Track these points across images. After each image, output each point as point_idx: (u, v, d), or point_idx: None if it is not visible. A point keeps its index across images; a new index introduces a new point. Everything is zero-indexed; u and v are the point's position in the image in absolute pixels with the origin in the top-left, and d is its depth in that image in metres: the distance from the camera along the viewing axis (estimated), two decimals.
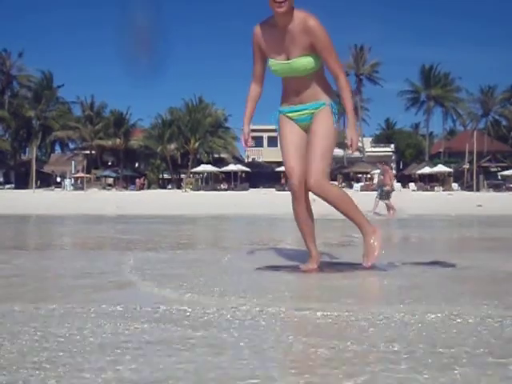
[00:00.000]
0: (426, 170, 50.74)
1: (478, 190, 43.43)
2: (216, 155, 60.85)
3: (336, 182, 50.75)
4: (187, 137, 56.90)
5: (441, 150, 59.53)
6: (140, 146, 58.95)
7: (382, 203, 12.78)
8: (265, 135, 67.88)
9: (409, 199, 20.41)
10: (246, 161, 63.42)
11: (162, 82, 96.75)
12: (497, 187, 45.21)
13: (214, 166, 53.66)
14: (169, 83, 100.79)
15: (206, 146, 58.32)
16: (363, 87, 62.70)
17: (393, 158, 63.81)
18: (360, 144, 59.88)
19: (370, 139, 67.55)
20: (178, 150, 57.41)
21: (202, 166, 53.13)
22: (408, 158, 63.66)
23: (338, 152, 60.10)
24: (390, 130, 72.05)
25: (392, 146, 64.40)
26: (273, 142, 67.96)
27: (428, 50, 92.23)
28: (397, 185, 47.10)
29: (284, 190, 43.47)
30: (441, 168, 49.86)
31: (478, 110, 62.17)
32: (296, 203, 3.25)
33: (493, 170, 52.66)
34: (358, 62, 61.15)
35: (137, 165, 63.46)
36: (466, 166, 49.30)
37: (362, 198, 25.95)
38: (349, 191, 42.58)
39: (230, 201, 20.17)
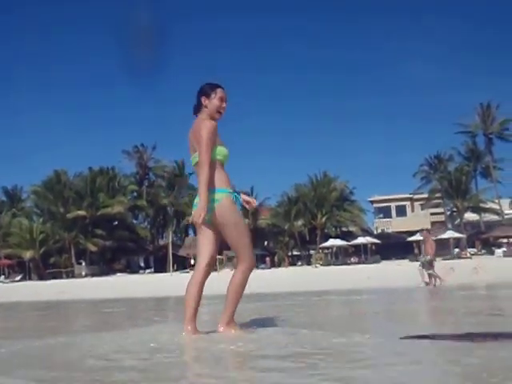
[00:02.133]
0: None
1: None
2: (344, 229, 60.29)
3: (474, 249, 47.80)
4: (313, 212, 57.20)
5: None
6: (268, 224, 60.16)
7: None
8: (393, 205, 66.49)
9: None
10: (375, 232, 62.10)
11: (287, 158, 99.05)
12: None
13: (342, 239, 53.08)
14: (293, 159, 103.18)
15: (333, 220, 58.13)
16: (493, 146, 59.70)
17: None
18: (497, 206, 56.60)
19: (509, 201, 63.25)
20: (306, 225, 57.73)
21: (331, 240, 52.77)
22: None
23: (474, 217, 56.98)
24: None
25: None
26: (401, 211, 66.27)
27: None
28: None
29: (417, 261, 41.72)
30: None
31: None
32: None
33: None
34: (485, 121, 58.68)
35: (266, 243, 64.63)
36: None
37: (507, 264, 24.07)
38: (490, 258, 39.90)
39: (363, 274, 19.63)
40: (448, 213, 59.06)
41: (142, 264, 64.82)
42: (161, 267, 55.16)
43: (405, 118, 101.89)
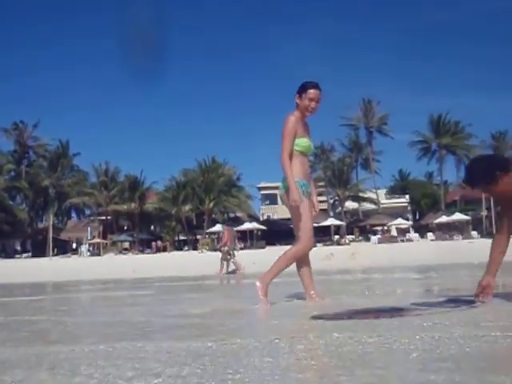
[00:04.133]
0: (443, 219, 50.15)
1: None
2: (231, 214, 60.94)
3: (353, 236, 50.47)
4: (201, 197, 57.21)
5: (456, 198, 59.04)
6: (155, 208, 59.28)
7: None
8: (279, 193, 68.19)
9: (429, 249, 20.06)
10: (262, 219, 63.39)
11: (176, 142, 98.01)
12: None
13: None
14: (182, 144, 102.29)
15: (220, 206, 58.51)
16: (374, 140, 63.22)
17: (409, 208, 63.45)
18: (374, 196, 60.11)
19: (385, 191, 67.43)
20: (193, 210, 57.62)
21: (218, 225, 53.10)
22: (424, 208, 63.18)
23: (354, 205, 60.09)
24: (404, 181, 71.93)
25: (407, 196, 64.14)
26: None
27: (435, 99, 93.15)
28: (414, 235, 46.87)
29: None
30: (458, 216, 49.30)
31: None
32: (304, 257, 4.21)
33: None
34: (367, 116, 61.89)
35: (152, 228, 63.68)
36: (484, 212, 48.72)
37: (380, 250, 25.58)
38: (366, 244, 42.13)
39: (249, 259, 19.92)
40: (330, 201, 61.72)
41: (19, 248, 61.23)
42: (39, 251, 52.42)
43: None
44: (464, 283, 5.66)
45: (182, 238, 61.33)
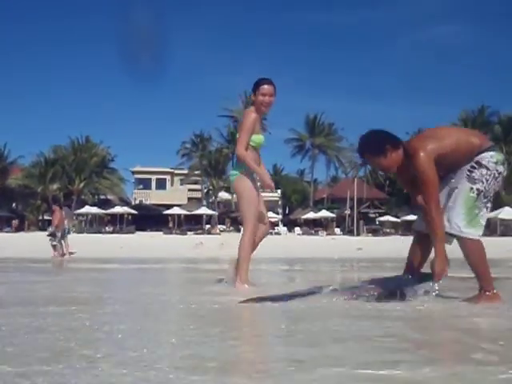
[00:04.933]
0: (311, 215, 52.54)
1: (358, 234, 45.63)
2: (102, 196, 58.97)
3: (224, 226, 51.13)
4: (71, 177, 54.74)
5: (324, 195, 62.06)
6: (19, 185, 55.66)
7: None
8: (153, 177, 67.12)
9: (295, 243, 20.91)
10: (134, 203, 62.10)
11: (48, 117, 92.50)
12: (375, 232, 47.83)
13: (99, 207, 51.79)
14: (54, 119, 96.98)
15: (91, 187, 56.39)
16: None
17: (279, 202, 65.60)
18: None
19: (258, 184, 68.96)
20: (61, 190, 54.94)
21: (87, 207, 51.11)
22: (294, 203, 65.71)
23: (227, 196, 60.87)
24: (278, 176, 74.22)
25: (279, 191, 66.26)
26: (161, 184, 67.34)
27: (313, 99, 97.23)
28: (283, 229, 48.59)
29: (171, 234, 42.99)
30: (324, 213, 51.88)
31: (358, 159, 66.01)
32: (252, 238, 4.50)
33: (371, 215, 55.74)
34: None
35: (14, 205, 59.70)
36: (348, 211, 51.80)
37: None
38: (236, 235, 42.90)
39: (117, 243, 19.48)
40: (205, 190, 61.99)
41: None
42: None
43: (177, 95, 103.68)
44: (324, 274, 5.98)
45: (46, 217, 58.18)
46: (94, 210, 50.45)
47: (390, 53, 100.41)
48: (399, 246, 19.87)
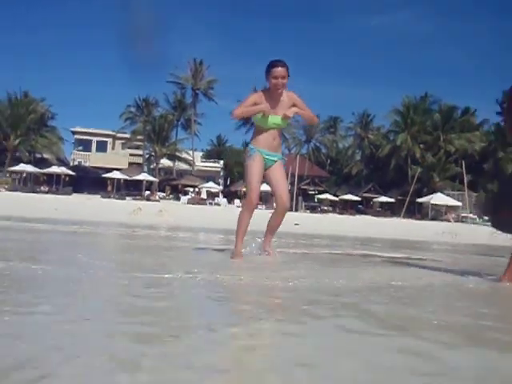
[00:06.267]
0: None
1: (296, 210, 46.34)
2: (38, 155, 57.04)
3: (164, 193, 50.72)
4: (7, 133, 52.57)
5: None
6: None
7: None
8: (94, 139, 65.41)
9: (232, 215, 20.99)
10: (72, 164, 60.45)
11: None
12: (313, 209, 48.75)
13: (35, 166, 50.08)
14: None
15: (27, 145, 54.39)
16: (199, 102, 63.59)
17: (221, 173, 65.56)
18: (190, 157, 60.88)
19: (201, 154, 68.70)
20: None
21: (22, 165, 49.30)
22: (235, 175, 65.85)
23: (169, 163, 60.22)
24: (221, 147, 74.03)
25: (221, 162, 66.13)
26: (102, 147, 65.73)
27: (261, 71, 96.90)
28: (223, 200, 48.67)
29: (109, 198, 42.20)
30: (265, 187, 52.20)
31: (302, 136, 66.74)
32: (247, 213, 4.70)
33: (311, 192, 56.65)
34: (195, 77, 61.92)
35: None
36: (288, 187, 52.34)
37: (188, 210, 26.01)
38: (176, 203, 42.49)
39: (51, 204, 18.95)
40: (146, 156, 61.06)
41: None
42: None
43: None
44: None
45: None
46: (30, 168, 48.73)
47: (341, 34, 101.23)
48: (336, 221, 20.28)
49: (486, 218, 47.54)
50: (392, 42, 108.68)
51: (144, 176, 51.21)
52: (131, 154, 63.99)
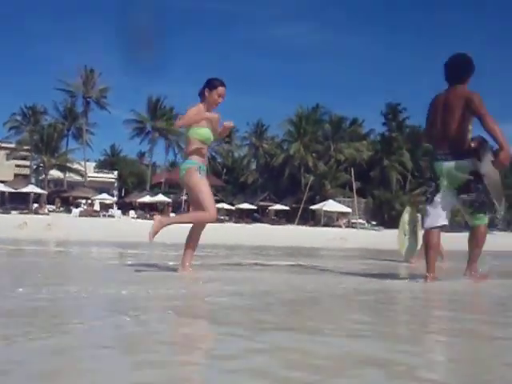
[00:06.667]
0: (147, 198, 51.92)
1: None
2: None
3: (54, 206, 48.38)
4: None
5: (162, 180, 61.74)
6: None
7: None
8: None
9: (130, 227, 20.52)
10: None
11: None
12: None
13: None
14: None
15: None
16: (91, 111, 61.52)
17: (115, 184, 63.84)
18: (82, 168, 58.64)
19: (94, 164, 66.51)
20: None
21: None
22: (130, 186, 64.45)
23: (59, 174, 57.63)
24: (115, 157, 72.12)
25: (115, 172, 64.42)
26: None
27: (156, 82, 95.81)
28: (117, 212, 47.35)
29: None
30: (160, 197, 51.59)
31: None
32: (201, 227, 4.73)
33: None
34: (86, 85, 59.89)
35: None
36: (184, 197, 52.05)
37: (81, 224, 25.05)
38: (67, 216, 40.73)
39: None
40: (34, 167, 58.08)
41: None
42: None
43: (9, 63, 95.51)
44: (158, 257, 5.96)
45: None
46: None
47: (231, 47, 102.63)
48: (232, 231, 20.37)
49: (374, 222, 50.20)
50: (287, 52, 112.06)
51: (31, 188, 48.56)
52: (17, 165, 60.59)
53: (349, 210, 48.97)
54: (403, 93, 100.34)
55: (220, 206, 52.82)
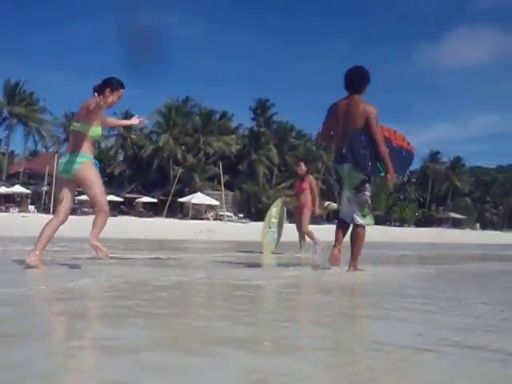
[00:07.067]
0: (3, 189, 48.32)
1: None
2: None
3: None
4: None
5: (20, 170, 57.81)
6: None
7: None
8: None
9: None
10: None
11: None
12: (73, 211, 46.55)
13: None
14: None
15: None
16: None
17: None
18: None
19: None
20: None
21: None
22: None
23: None
24: None
25: None
26: None
27: (15, 65, 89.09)
28: None
29: None
30: (18, 189, 48.31)
31: (61, 134, 63.27)
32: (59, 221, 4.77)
33: None
34: None
35: None
36: (45, 188, 49.19)
37: None
38: None
39: None
40: None
41: None
42: None
43: None
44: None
45: None
46: None
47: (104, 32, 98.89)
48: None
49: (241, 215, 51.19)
50: (160, 42, 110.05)
51: None
52: None
53: (217, 202, 49.48)
54: (272, 87, 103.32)
55: (84, 198, 50.66)
